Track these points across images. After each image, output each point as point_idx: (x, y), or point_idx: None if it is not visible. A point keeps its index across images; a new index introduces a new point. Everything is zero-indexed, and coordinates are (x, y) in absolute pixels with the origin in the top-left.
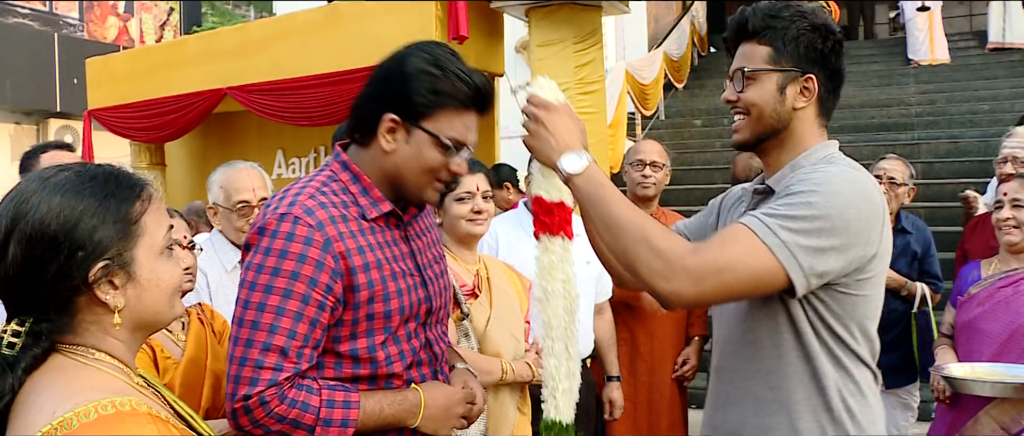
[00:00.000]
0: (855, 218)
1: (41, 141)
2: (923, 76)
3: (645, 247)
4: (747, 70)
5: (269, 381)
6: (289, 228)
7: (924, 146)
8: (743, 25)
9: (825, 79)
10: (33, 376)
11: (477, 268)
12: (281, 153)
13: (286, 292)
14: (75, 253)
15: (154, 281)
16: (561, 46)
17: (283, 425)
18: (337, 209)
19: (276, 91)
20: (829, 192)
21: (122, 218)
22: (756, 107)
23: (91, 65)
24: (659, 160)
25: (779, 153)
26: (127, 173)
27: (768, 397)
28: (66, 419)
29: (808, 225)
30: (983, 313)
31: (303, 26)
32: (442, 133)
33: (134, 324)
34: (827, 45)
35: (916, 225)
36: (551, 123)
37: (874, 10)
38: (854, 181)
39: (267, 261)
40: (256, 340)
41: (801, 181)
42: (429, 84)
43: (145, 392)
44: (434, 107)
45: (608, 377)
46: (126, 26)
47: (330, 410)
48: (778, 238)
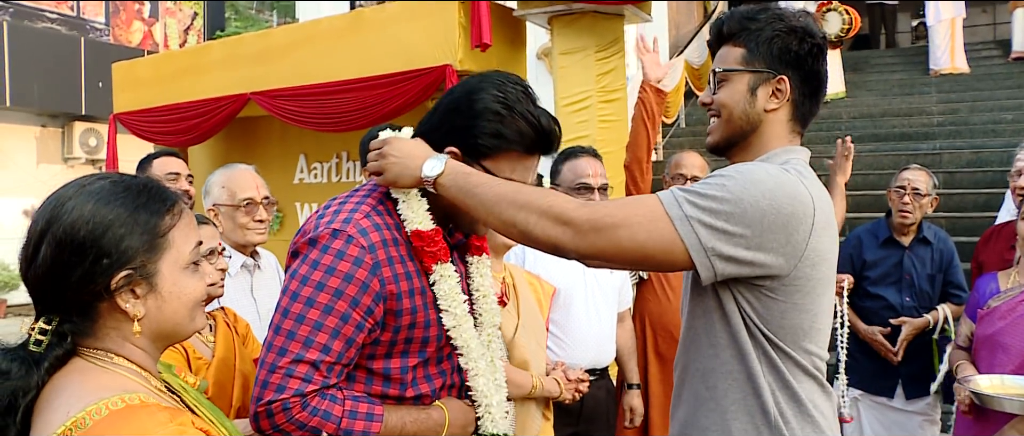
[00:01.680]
0: (770, 212)
1: (66, 143)
2: (945, 85)
3: (530, 211)
4: (719, 71)
5: (296, 391)
6: (341, 246)
7: (946, 156)
8: (721, 29)
9: (799, 82)
10: (55, 378)
11: (503, 276)
12: (303, 158)
13: (327, 308)
14: (100, 260)
15: (176, 294)
16: (583, 54)
17: (303, 432)
18: (389, 232)
19: (299, 96)
20: (747, 181)
21: (150, 230)
22: (726, 108)
23: (117, 69)
24: (700, 175)
25: (746, 154)
26: (161, 186)
27: (705, 396)
28: (79, 419)
29: (716, 205)
30: (1005, 327)
31: (327, 32)
32: (501, 175)
33: (153, 334)
34: (803, 47)
35: (938, 235)
36: (393, 149)
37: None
38: (783, 180)
39: (313, 274)
40: (290, 349)
41: (727, 168)
42: (495, 127)
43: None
44: (498, 151)
45: (628, 385)
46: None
47: (352, 421)
48: (681, 210)
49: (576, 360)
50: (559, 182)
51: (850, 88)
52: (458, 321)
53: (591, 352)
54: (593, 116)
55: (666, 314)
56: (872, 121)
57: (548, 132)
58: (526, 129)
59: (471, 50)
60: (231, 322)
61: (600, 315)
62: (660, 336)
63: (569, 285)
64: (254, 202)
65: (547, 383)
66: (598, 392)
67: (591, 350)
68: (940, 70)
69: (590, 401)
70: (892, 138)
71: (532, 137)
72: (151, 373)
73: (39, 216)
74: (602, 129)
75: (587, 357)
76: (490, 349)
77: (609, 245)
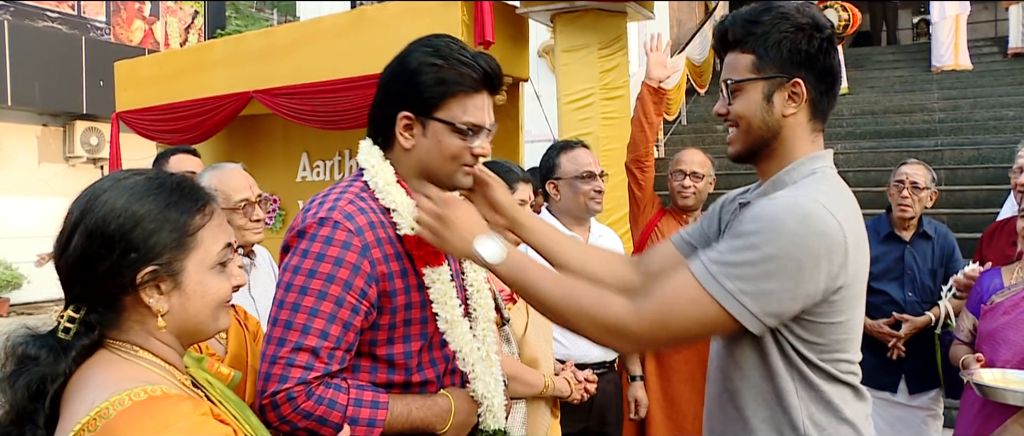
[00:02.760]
0: (806, 258)
1: (67, 142)
2: (946, 82)
3: (584, 320)
4: (731, 82)
5: (298, 379)
6: (328, 232)
7: (947, 153)
8: (725, 35)
9: (814, 81)
10: (82, 368)
11: None
12: (306, 156)
13: (321, 294)
14: (128, 254)
15: (200, 293)
16: (586, 52)
17: (310, 422)
18: (375, 215)
19: (302, 95)
20: (775, 233)
21: (179, 228)
22: (744, 119)
23: (119, 68)
24: (700, 171)
25: (769, 163)
26: (194, 185)
27: (734, 415)
28: (103, 408)
29: (753, 270)
30: (1008, 322)
31: (329, 30)
32: (456, 120)
33: (177, 330)
34: (813, 45)
35: (938, 230)
36: (450, 218)
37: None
38: (809, 219)
39: (304, 263)
40: (288, 339)
41: (753, 218)
42: (434, 75)
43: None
44: (444, 96)
45: (631, 377)
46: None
47: (358, 409)
48: (722, 287)
49: (584, 354)
50: (560, 175)
51: (852, 85)
52: (452, 325)
53: (599, 346)
54: (596, 113)
55: None
56: (874, 118)
57: (487, 67)
58: (465, 70)
59: (474, 48)
60: (242, 320)
61: None
62: None
63: None
64: (250, 202)
65: (558, 382)
66: (607, 386)
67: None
68: (942, 67)
69: (600, 396)
70: (893, 135)
71: (473, 75)
72: (176, 367)
73: (74, 207)
74: (605, 126)
75: (595, 351)
76: (485, 344)
77: (666, 339)
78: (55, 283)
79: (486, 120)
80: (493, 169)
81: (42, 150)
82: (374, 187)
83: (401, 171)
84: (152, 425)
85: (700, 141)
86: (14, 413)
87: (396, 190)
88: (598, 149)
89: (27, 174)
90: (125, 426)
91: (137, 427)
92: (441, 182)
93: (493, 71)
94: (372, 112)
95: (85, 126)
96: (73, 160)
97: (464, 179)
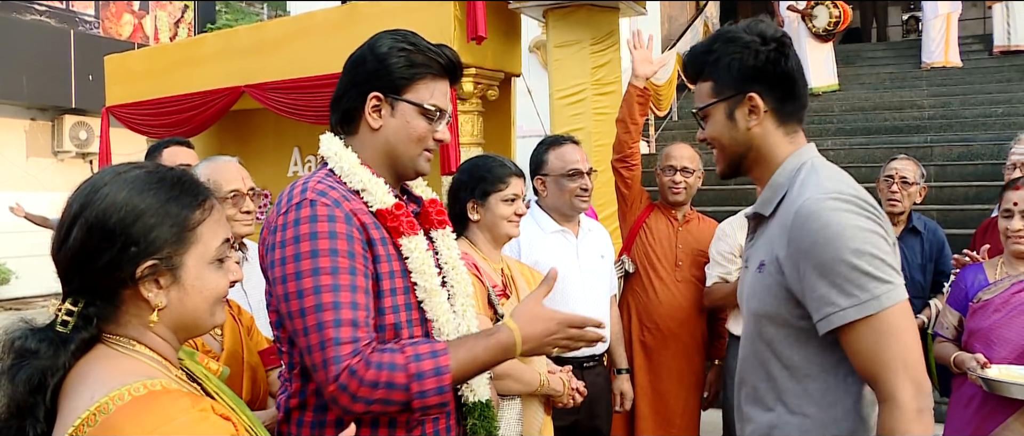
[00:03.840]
0: (876, 237)
1: (56, 137)
2: (936, 79)
3: None
4: (696, 109)
5: (353, 352)
6: (309, 212)
7: (937, 149)
8: (689, 71)
9: (769, 90)
10: (80, 363)
11: (502, 267)
12: (297, 150)
13: (333, 269)
14: (128, 248)
15: (198, 288)
16: (578, 47)
17: (378, 391)
18: (344, 190)
19: (294, 89)
20: (848, 234)
21: (179, 223)
22: (717, 140)
23: (109, 62)
24: (690, 166)
25: (758, 171)
26: (194, 180)
27: (782, 411)
28: (102, 404)
29: (878, 254)
30: (1001, 320)
31: (321, 25)
32: (424, 101)
33: (174, 325)
34: (760, 58)
35: (928, 226)
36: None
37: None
38: (841, 209)
39: (301, 247)
40: (326, 321)
41: (823, 245)
42: (405, 58)
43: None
44: (413, 79)
45: (618, 370)
46: (141, 23)
47: (419, 363)
48: (872, 298)
49: None
50: (548, 171)
51: (842, 81)
52: (430, 294)
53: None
54: (588, 109)
55: (652, 306)
56: (864, 114)
57: (451, 57)
58: (433, 55)
59: (466, 43)
60: (236, 314)
61: (597, 301)
62: (646, 327)
63: (564, 272)
64: (240, 193)
65: (552, 380)
66: (597, 378)
67: None
68: (932, 63)
69: (589, 388)
70: (884, 131)
71: (440, 61)
72: (171, 362)
73: (74, 199)
74: (597, 121)
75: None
76: (465, 319)
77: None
78: (44, 278)
79: (449, 107)
80: (486, 164)
81: (30, 145)
82: (340, 172)
83: (365, 157)
84: (151, 420)
85: (691, 136)
86: (14, 406)
87: (362, 171)
88: (590, 145)
89: (15, 169)
90: (124, 421)
91: (136, 422)
92: (403, 166)
93: (456, 61)
94: (336, 98)
95: (74, 121)
96: (62, 155)
97: (425, 164)
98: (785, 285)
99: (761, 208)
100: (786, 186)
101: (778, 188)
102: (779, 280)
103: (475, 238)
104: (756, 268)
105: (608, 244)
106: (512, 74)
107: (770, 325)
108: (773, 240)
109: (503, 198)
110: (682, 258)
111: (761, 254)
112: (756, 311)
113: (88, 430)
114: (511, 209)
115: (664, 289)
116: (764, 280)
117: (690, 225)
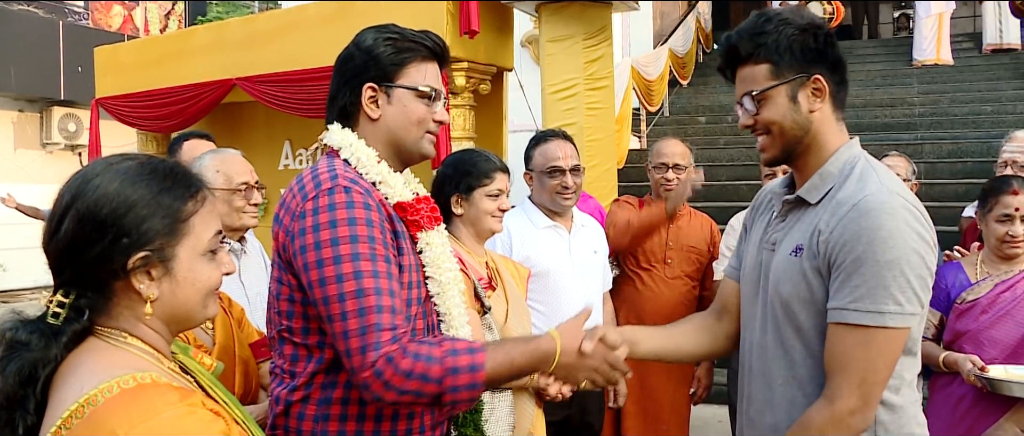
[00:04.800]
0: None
1: (44, 129)
2: (926, 77)
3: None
4: (755, 92)
5: (392, 339)
6: (344, 197)
7: (927, 146)
8: (735, 51)
9: (829, 73)
10: (72, 355)
11: (486, 260)
12: (288, 144)
13: (372, 255)
14: (120, 239)
15: (190, 280)
16: (571, 42)
17: (412, 381)
18: (366, 184)
19: (285, 82)
20: (898, 244)
21: (172, 214)
22: (776, 123)
23: (99, 54)
24: (682, 162)
25: (806, 159)
26: (187, 171)
27: (802, 402)
28: (91, 396)
29: (911, 276)
30: (989, 321)
31: (313, 18)
32: (418, 83)
33: (166, 317)
34: (820, 40)
35: None
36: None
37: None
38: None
39: (339, 231)
40: (369, 306)
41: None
42: (392, 46)
43: (177, 376)
44: (404, 63)
45: None
46: (131, 15)
47: (455, 358)
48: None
49: None
50: (533, 167)
51: None
52: (443, 288)
53: None
54: (580, 104)
55: (639, 302)
56: (855, 111)
57: (436, 39)
58: (418, 40)
59: (459, 37)
60: (226, 307)
61: (589, 296)
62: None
63: (557, 267)
64: (250, 186)
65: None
66: None
67: None
68: (923, 60)
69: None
70: (875, 128)
71: (426, 44)
72: (164, 355)
73: (65, 190)
74: (589, 116)
75: None
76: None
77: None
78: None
79: (442, 88)
80: (470, 158)
81: (18, 136)
82: (356, 163)
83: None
84: (137, 413)
85: (682, 132)
86: (3, 398)
87: (380, 164)
88: (582, 140)
89: (3, 161)
90: (111, 413)
91: (123, 415)
92: (408, 151)
93: (441, 43)
94: (331, 98)
95: (63, 112)
96: (50, 147)
97: (428, 147)
98: (818, 268)
99: (807, 194)
100: (837, 177)
101: (828, 178)
102: (814, 264)
103: (458, 232)
104: (790, 252)
105: (601, 239)
106: (504, 68)
107: (802, 312)
108: (816, 226)
109: (487, 193)
110: (672, 255)
111: (797, 238)
112: (787, 296)
113: (76, 422)
114: (495, 204)
115: (653, 286)
116: (800, 264)
117: (681, 221)
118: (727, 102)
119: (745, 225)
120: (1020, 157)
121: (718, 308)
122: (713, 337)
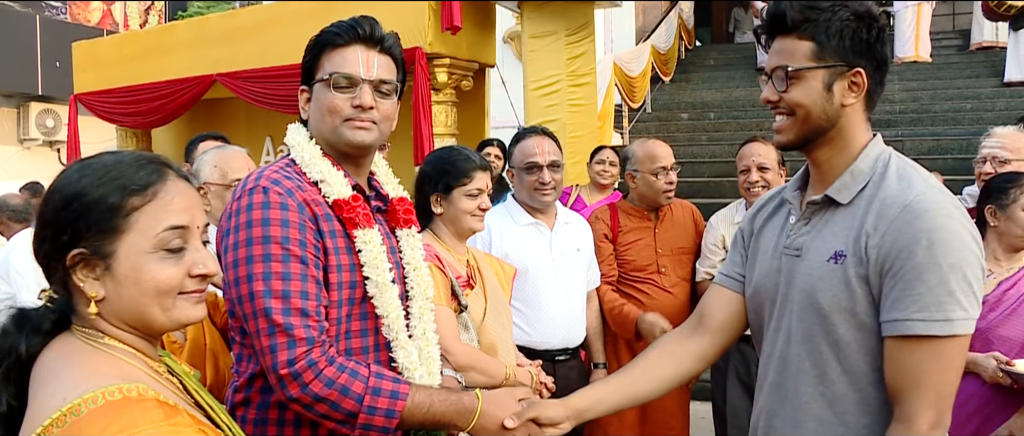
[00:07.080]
0: (979, 253)
1: (22, 125)
2: (908, 74)
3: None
4: (791, 69)
5: (306, 339)
6: (262, 198)
7: (908, 143)
8: (780, 18)
9: (873, 70)
10: (50, 355)
11: (467, 258)
12: (269, 140)
13: (284, 257)
14: (60, 235)
15: (133, 279)
16: (553, 38)
17: (332, 390)
18: (300, 181)
19: (266, 78)
20: (958, 247)
21: (108, 209)
22: (803, 108)
23: (78, 49)
24: (673, 162)
25: (830, 153)
26: (146, 164)
27: (832, 421)
28: (75, 406)
29: (972, 279)
30: (997, 319)
31: (295, 14)
32: (325, 72)
33: (117, 318)
34: (872, 34)
35: None
36: None
37: None
38: (957, 218)
39: (253, 232)
40: (275, 308)
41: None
42: (311, 44)
43: (161, 379)
44: (318, 57)
45: (595, 364)
46: (110, 10)
47: (379, 380)
48: (945, 320)
49: (547, 340)
50: (512, 163)
51: None
52: (381, 289)
53: (561, 331)
54: (563, 100)
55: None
56: None
57: (352, 22)
58: (331, 28)
59: (441, 33)
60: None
61: (570, 294)
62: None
63: (538, 265)
64: None
65: (519, 373)
66: (570, 372)
67: (561, 329)
68: (903, 58)
69: (562, 381)
70: None
71: (334, 31)
72: (149, 356)
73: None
74: (572, 113)
75: (557, 336)
76: (422, 321)
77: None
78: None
79: (361, 71)
80: (450, 157)
81: None
82: (300, 162)
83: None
84: (117, 427)
85: (664, 129)
86: None
87: (323, 162)
88: (564, 136)
89: None
90: (91, 425)
91: (103, 428)
92: (335, 143)
93: (361, 22)
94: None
95: (40, 108)
96: (28, 143)
97: (352, 134)
98: (866, 277)
99: (837, 194)
100: (869, 175)
101: (860, 176)
102: (861, 272)
103: (439, 231)
104: (828, 259)
105: (587, 236)
106: (486, 65)
107: (842, 323)
108: (860, 229)
109: (467, 193)
110: (665, 263)
111: (834, 243)
112: (826, 306)
113: (56, 431)
114: (474, 204)
115: (656, 297)
116: (843, 272)
117: (665, 222)
118: (710, 99)
119: (743, 231)
120: (1000, 153)
121: (695, 323)
122: (677, 363)
